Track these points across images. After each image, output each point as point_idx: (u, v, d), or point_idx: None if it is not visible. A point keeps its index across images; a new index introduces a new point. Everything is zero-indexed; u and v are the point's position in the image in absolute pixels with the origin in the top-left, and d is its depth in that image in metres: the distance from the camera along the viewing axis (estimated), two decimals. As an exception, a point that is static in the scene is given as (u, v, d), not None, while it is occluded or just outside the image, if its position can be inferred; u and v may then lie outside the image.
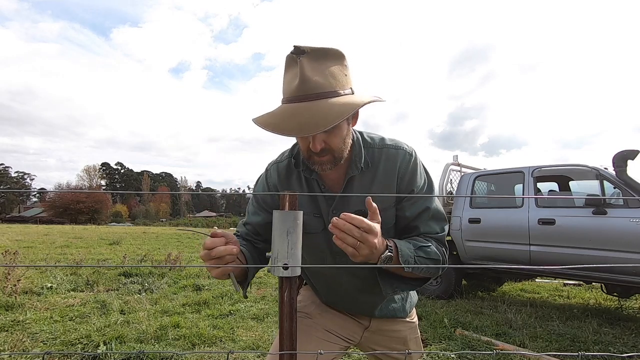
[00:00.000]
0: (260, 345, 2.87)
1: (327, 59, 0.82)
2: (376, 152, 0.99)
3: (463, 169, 5.36)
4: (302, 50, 0.80)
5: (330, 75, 0.82)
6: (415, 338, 1.18)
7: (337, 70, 0.83)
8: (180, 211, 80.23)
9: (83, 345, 2.75)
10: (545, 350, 2.85)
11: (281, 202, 0.73)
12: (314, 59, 0.81)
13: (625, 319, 3.76)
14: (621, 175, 3.49)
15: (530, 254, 3.93)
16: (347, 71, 0.86)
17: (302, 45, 0.81)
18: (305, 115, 0.77)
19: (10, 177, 66.52)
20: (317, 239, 1.01)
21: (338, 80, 0.82)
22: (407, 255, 0.88)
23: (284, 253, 0.71)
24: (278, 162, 1.07)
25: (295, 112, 0.79)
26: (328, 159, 0.88)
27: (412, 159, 0.98)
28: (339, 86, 0.82)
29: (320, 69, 0.81)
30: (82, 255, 7.44)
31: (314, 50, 0.81)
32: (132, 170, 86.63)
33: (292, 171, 1.04)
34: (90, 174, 75.02)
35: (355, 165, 0.96)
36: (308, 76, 0.79)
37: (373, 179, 0.97)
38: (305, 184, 1.02)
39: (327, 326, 1.09)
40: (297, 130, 0.77)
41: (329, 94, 0.80)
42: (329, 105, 0.79)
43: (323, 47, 0.83)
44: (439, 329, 3.34)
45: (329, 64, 0.82)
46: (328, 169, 0.90)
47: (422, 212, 0.97)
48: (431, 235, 0.97)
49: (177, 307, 3.84)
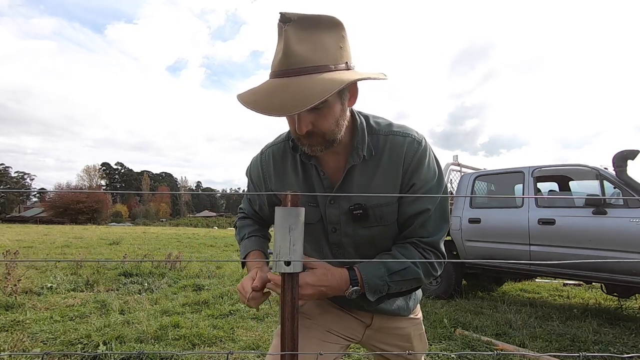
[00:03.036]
0: (260, 345, 2.86)
1: (318, 29, 0.72)
2: (381, 139, 0.89)
3: (463, 169, 5.37)
4: (288, 19, 0.71)
5: (320, 47, 0.72)
6: (420, 334, 1.14)
7: (330, 42, 0.73)
8: (180, 211, 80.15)
9: (83, 345, 2.74)
10: (545, 350, 2.85)
11: (283, 200, 0.73)
12: (303, 28, 0.71)
13: (625, 319, 3.76)
14: (621, 175, 3.49)
15: (530, 254, 3.93)
16: (343, 43, 0.75)
17: (288, 13, 0.71)
18: (286, 92, 0.69)
19: (10, 177, 66.47)
20: (313, 229, 0.96)
21: (330, 53, 0.73)
22: (377, 285, 0.85)
23: (286, 249, 0.71)
24: (273, 145, 1.00)
25: (277, 89, 0.70)
26: (317, 141, 0.80)
27: (420, 147, 0.88)
28: (330, 60, 0.73)
29: (309, 40, 0.71)
30: (82, 255, 7.44)
31: (302, 18, 0.71)
32: (132, 170, 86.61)
33: (288, 155, 0.97)
34: (90, 174, 75.00)
35: (357, 152, 0.87)
36: (293, 49, 0.70)
37: (376, 169, 0.89)
38: (301, 169, 0.95)
39: (327, 326, 1.05)
40: (276, 109, 0.68)
41: (317, 68, 0.71)
42: (313, 81, 0.69)
43: (315, 14, 0.73)
44: (439, 329, 3.34)
45: (321, 34, 0.73)
46: (319, 151, 0.82)
47: (422, 213, 0.88)
48: (423, 239, 0.90)
49: (177, 307, 3.83)
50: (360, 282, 0.84)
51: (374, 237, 0.94)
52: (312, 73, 0.71)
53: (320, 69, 0.72)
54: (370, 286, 0.84)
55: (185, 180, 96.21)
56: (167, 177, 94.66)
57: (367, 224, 0.92)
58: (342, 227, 0.95)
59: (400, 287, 0.88)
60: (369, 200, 0.90)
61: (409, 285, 0.90)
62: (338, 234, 0.96)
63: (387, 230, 0.94)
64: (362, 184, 0.90)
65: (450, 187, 5.20)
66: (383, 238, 0.95)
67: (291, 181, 0.97)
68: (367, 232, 0.94)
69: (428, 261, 0.89)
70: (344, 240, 0.96)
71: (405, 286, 0.89)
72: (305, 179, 0.95)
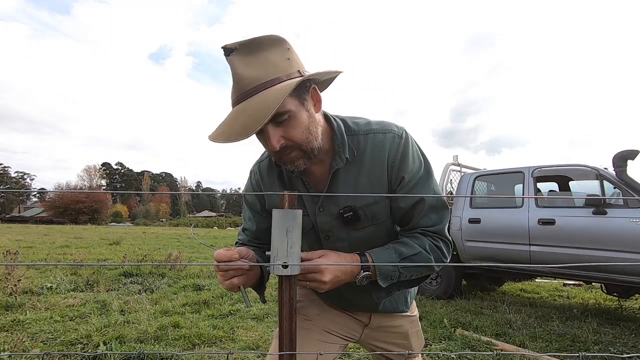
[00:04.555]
0: (260, 345, 2.86)
1: (262, 49, 0.76)
2: (362, 138, 0.89)
3: (463, 169, 5.37)
4: (230, 49, 0.75)
5: (267, 64, 0.75)
6: (417, 331, 1.15)
7: (277, 57, 0.76)
8: (180, 211, 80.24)
9: (83, 345, 2.74)
10: (545, 350, 2.85)
11: (281, 202, 0.73)
12: (247, 53, 0.75)
13: (625, 319, 3.76)
14: (621, 175, 3.49)
15: (530, 254, 3.93)
16: (289, 54, 0.78)
17: (229, 44, 0.75)
18: (245, 113, 0.72)
19: (10, 177, 66.55)
20: (305, 237, 0.96)
21: (279, 66, 0.76)
22: (388, 271, 0.84)
23: (284, 252, 0.71)
24: (260, 162, 1.02)
25: (237, 114, 0.73)
26: (297, 154, 0.81)
27: (401, 141, 0.88)
28: (280, 72, 0.75)
29: (255, 62, 0.75)
30: (82, 256, 7.44)
31: (243, 45, 0.75)
32: (132, 170, 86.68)
33: (274, 169, 0.98)
34: (90, 174, 75.10)
35: (339, 156, 0.87)
36: (240, 73, 0.74)
37: (360, 169, 0.89)
38: (287, 182, 0.96)
39: (326, 327, 1.06)
40: (241, 132, 0.70)
41: (268, 83, 0.74)
42: (266, 95, 0.72)
43: (255, 37, 0.76)
44: (439, 329, 3.34)
45: (265, 54, 0.76)
46: (303, 164, 0.82)
47: (418, 203, 0.88)
48: (428, 229, 0.90)
49: (177, 307, 3.83)
50: (372, 267, 0.83)
51: (368, 237, 0.94)
52: (264, 89, 0.73)
53: (273, 82, 0.74)
54: (381, 272, 0.84)
55: (185, 180, 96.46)
56: (167, 177, 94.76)
57: (360, 225, 0.92)
58: (335, 232, 0.95)
59: (411, 274, 0.88)
60: (358, 201, 0.90)
61: (420, 272, 0.89)
62: (332, 240, 0.96)
63: (380, 228, 0.94)
64: (348, 185, 0.89)
65: (450, 187, 5.20)
66: (377, 236, 0.94)
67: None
68: (360, 233, 0.94)
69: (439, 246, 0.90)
70: (339, 245, 0.95)
71: (416, 272, 0.89)
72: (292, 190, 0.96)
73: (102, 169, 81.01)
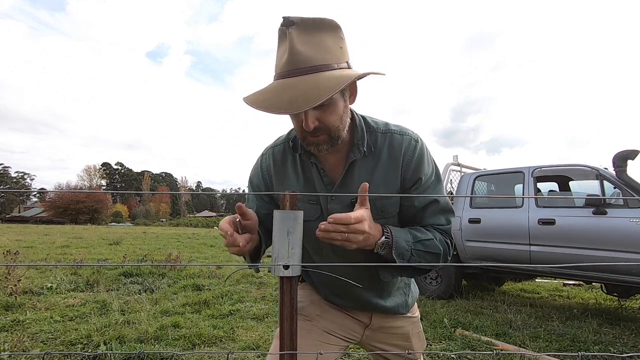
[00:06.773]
0: (260, 345, 2.86)
1: (319, 30, 0.77)
2: (380, 136, 0.93)
3: (463, 169, 5.37)
4: (292, 22, 0.75)
5: (323, 47, 0.76)
6: (418, 333, 1.15)
7: (331, 43, 0.78)
8: (181, 211, 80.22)
9: (83, 345, 2.75)
10: (545, 350, 2.85)
11: (281, 202, 0.73)
12: (305, 30, 0.76)
13: (625, 319, 3.76)
14: (621, 175, 3.49)
15: (530, 254, 3.93)
16: (342, 44, 0.80)
17: (291, 16, 0.76)
18: (295, 90, 0.72)
19: (10, 177, 66.53)
20: (312, 226, 0.94)
21: (332, 53, 0.77)
22: (403, 248, 0.85)
23: (285, 253, 0.71)
24: (274, 147, 1.03)
25: (286, 88, 0.74)
26: (324, 138, 0.83)
27: (418, 145, 0.93)
28: (333, 59, 0.77)
29: (312, 41, 0.76)
30: (82, 255, 7.44)
31: (304, 21, 0.76)
32: (132, 170, 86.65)
33: (288, 155, 0.99)
34: (90, 174, 75.07)
35: (358, 148, 0.91)
36: (298, 49, 0.74)
37: (376, 164, 0.92)
38: (301, 168, 0.97)
39: (327, 327, 1.06)
40: (286, 107, 0.71)
41: (321, 67, 0.75)
42: (320, 78, 0.73)
43: (315, 17, 0.77)
44: (439, 329, 3.34)
45: (322, 36, 0.77)
46: (325, 149, 0.85)
47: (431, 204, 0.93)
48: (440, 227, 0.94)
49: (177, 307, 3.84)
50: (390, 236, 0.84)
51: None
52: (317, 72, 0.75)
53: (325, 67, 0.75)
54: (398, 246, 0.84)
55: (185, 180, 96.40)
56: (167, 177, 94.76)
57: None
58: None
59: (421, 260, 0.88)
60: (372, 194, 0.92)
61: (429, 260, 0.90)
62: None
63: (387, 223, 0.94)
64: (363, 178, 0.91)
65: (450, 187, 5.20)
66: None
67: (292, 181, 0.98)
68: None
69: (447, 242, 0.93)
70: None
71: (426, 260, 0.89)
72: (306, 177, 0.97)
73: (102, 169, 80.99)
